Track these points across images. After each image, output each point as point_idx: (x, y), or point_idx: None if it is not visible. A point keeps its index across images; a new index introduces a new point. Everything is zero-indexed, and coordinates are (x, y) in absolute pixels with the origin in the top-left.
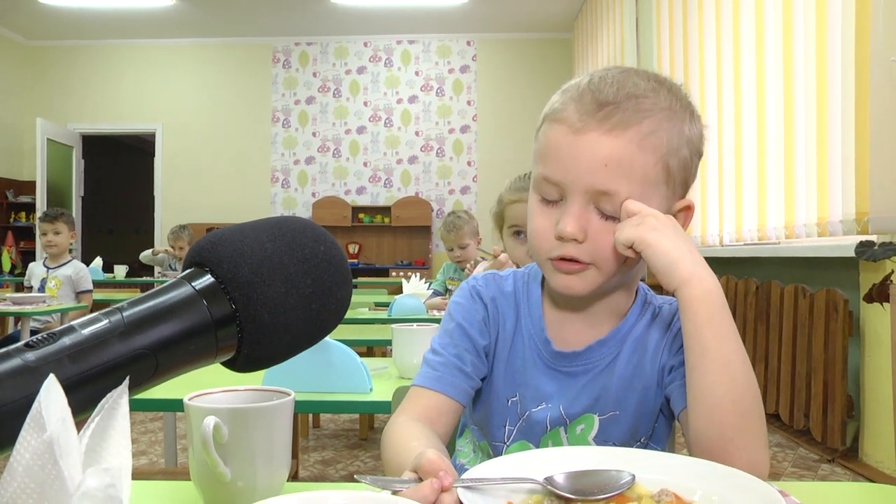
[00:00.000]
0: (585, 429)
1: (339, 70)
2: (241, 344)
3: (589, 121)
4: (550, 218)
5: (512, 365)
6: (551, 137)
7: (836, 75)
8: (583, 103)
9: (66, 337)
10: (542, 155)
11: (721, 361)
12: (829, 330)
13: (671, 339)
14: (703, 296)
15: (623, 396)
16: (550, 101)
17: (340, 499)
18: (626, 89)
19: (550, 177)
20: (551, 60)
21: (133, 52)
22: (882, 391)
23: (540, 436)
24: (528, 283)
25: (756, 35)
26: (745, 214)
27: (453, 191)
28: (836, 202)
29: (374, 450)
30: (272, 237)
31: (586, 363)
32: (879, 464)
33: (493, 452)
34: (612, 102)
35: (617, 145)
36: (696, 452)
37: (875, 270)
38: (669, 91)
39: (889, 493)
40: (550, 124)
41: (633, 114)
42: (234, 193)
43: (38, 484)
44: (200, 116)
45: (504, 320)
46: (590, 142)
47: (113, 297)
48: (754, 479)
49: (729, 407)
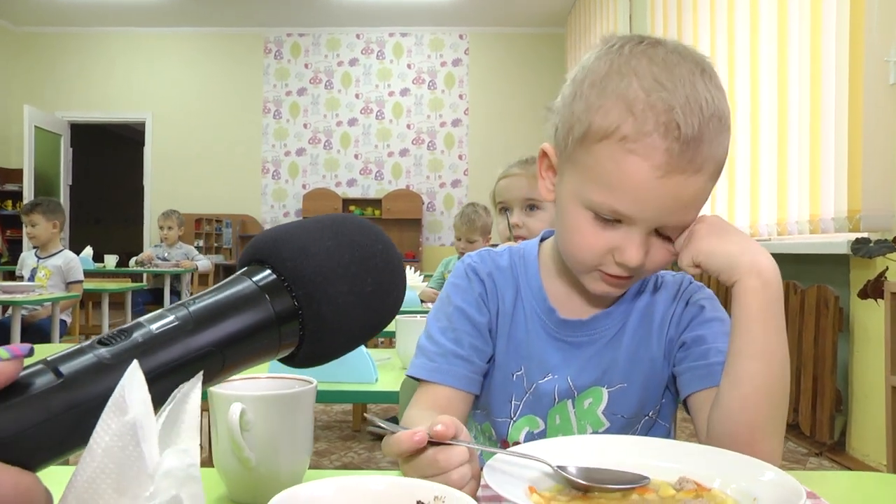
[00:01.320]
0: (594, 402)
1: (331, 62)
2: (302, 340)
3: (676, 162)
4: (606, 238)
5: (514, 339)
6: (629, 173)
7: (830, 74)
8: (668, 140)
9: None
10: (612, 186)
11: (765, 353)
12: (820, 326)
13: (680, 311)
14: (760, 287)
15: (630, 369)
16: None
17: (381, 484)
18: (708, 109)
19: (621, 211)
20: (543, 55)
21: (123, 40)
22: (869, 386)
23: (547, 408)
24: (524, 257)
25: (751, 32)
26: (738, 211)
27: (444, 184)
28: (828, 200)
29: (367, 441)
30: (333, 235)
31: (591, 333)
32: (866, 457)
33: (496, 430)
34: (696, 137)
35: (699, 183)
36: (716, 437)
37: (866, 267)
38: (718, 87)
39: (876, 480)
40: (624, 155)
41: (715, 146)
42: (224, 184)
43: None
44: (191, 106)
45: (503, 294)
46: (675, 186)
47: (103, 287)
48: (773, 469)
49: (763, 399)
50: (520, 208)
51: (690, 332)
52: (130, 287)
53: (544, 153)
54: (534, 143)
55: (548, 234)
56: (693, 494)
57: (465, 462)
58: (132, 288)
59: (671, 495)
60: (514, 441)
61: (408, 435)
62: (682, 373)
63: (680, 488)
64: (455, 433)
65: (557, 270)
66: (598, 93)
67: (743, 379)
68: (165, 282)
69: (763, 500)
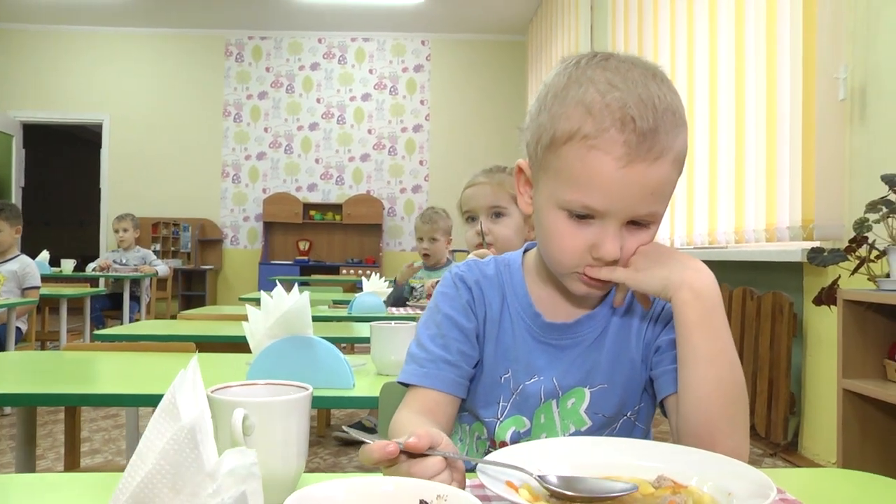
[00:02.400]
0: (576, 402)
1: (293, 65)
2: None
3: (636, 153)
4: (583, 237)
5: (502, 343)
6: (594, 168)
7: (785, 90)
8: (626, 132)
9: None
10: (580, 183)
11: (708, 359)
12: (775, 331)
13: (657, 315)
14: (692, 300)
15: (612, 370)
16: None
17: (389, 485)
18: (661, 104)
19: (592, 205)
20: (505, 62)
21: (81, 38)
22: (821, 389)
23: (533, 409)
24: (509, 265)
25: (709, 44)
26: (697, 219)
27: (405, 189)
28: (783, 210)
29: (331, 446)
30: None
31: (575, 336)
32: (816, 456)
33: (486, 429)
34: (652, 128)
35: (661, 172)
36: (682, 437)
37: (819, 275)
38: (670, 89)
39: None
40: (587, 151)
41: (671, 137)
42: (183, 187)
43: (174, 466)
44: (150, 108)
45: (490, 301)
46: (638, 174)
47: (61, 293)
48: (746, 466)
49: (715, 400)
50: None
51: (665, 336)
52: (89, 292)
53: (520, 169)
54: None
55: (531, 246)
56: (671, 491)
57: (441, 472)
58: (91, 293)
59: (650, 493)
60: (500, 440)
61: (380, 446)
62: (657, 376)
63: (658, 486)
64: (430, 444)
65: (541, 277)
66: (560, 102)
67: (693, 385)
68: (125, 287)
69: (738, 495)
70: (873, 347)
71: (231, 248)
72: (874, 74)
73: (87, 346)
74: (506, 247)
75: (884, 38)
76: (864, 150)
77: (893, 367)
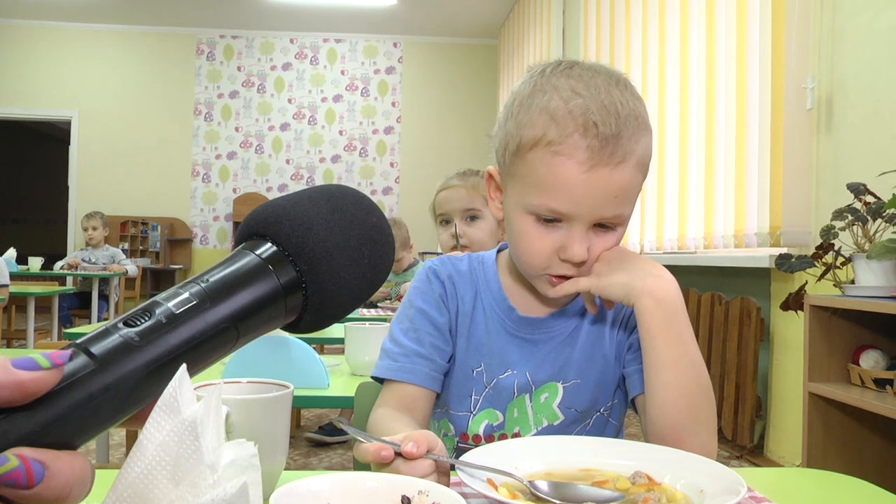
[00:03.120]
0: (549, 397)
1: (265, 65)
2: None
3: (599, 157)
4: (550, 240)
5: (475, 337)
6: (558, 173)
7: (754, 99)
8: (588, 137)
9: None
10: (545, 187)
11: (671, 363)
12: (742, 336)
13: (629, 313)
14: (654, 305)
15: (585, 366)
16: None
17: (372, 481)
18: (623, 110)
19: (557, 209)
20: (476, 65)
21: (50, 34)
22: (787, 392)
23: (506, 402)
24: (483, 262)
25: (680, 53)
26: (666, 224)
27: (375, 191)
28: (751, 216)
29: (301, 447)
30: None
31: (549, 331)
32: (781, 458)
33: (454, 425)
34: (615, 133)
35: (624, 176)
36: (650, 437)
37: (786, 281)
38: (634, 95)
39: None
40: (552, 157)
41: (634, 142)
42: (152, 186)
43: (173, 458)
44: (120, 105)
45: (462, 295)
46: (601, 178)
47: (29, 291)
48: (717, 465)
49: (680, 403)
50: (460, 219)
51: (637, 334)
52: (57, 290)
53: (490, 176)
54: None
55: (504, 246)
56: (645, 488)
57: (430, 474)
58: (59, 291)
59: (626, 488)
60: (473, 433)
61: (376, 448)
62: (629, 375)
63: (634, 482)
64: (427, 449)
65: (515, 274)
66: (525, 110)
67: (657, 388)
68: (94, 285)
69: (709, 492)
70: (838, 352)
71: (200, 247)
72: (840, 85)
73: (56, 345)
74: (480, 249)
75: (850, 50)
76: (830, 159)
77: (857, 371)
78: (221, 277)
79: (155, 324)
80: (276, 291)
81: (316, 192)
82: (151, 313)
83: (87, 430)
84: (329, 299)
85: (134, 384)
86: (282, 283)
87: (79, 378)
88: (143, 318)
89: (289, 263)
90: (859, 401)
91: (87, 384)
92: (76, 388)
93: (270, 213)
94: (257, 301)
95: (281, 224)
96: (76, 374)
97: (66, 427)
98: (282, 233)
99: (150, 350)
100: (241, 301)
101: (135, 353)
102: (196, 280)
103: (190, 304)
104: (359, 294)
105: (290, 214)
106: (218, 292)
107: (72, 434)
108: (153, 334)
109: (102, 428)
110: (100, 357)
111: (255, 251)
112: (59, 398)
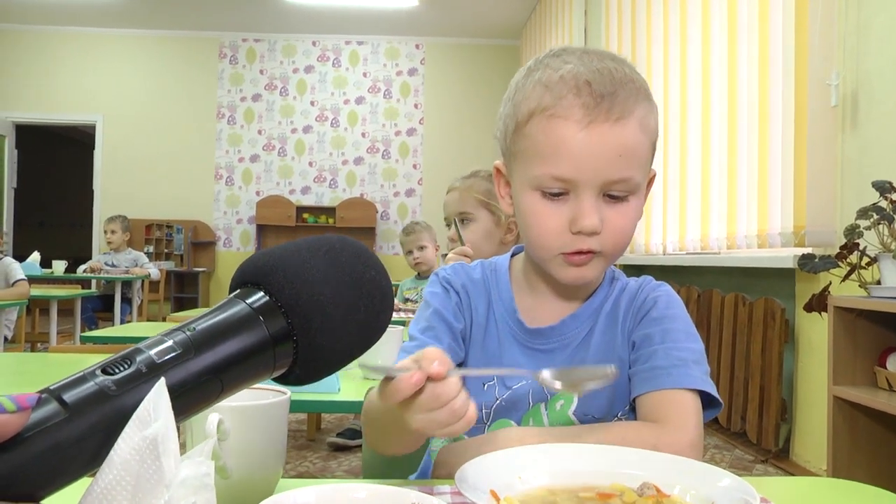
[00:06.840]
0: (565, 404)
1: (287, 68)
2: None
3: (595, 113)
4: (560, 214)
5: (488, 348)
6: (556, 136)
7: (777, 97)
8: (582, 96)
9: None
10: (546, 154)
11: None
12: (767, 337)
13: (636, 311)
14: None
15: None
16: (523, 96)
17: (361, 491)
18: (618, 74)
19: (562, 175)
20: (498, 66)
21: (75, 40)
22: (812, 395)
23: (522, 412)
24: (496, 270)
25: (702, 51)
26: (689, 225)
27: (398, 193)
28: (775, 216)
29: (321, 450)
30: (330, 262)
31: (560, 338)
32: (807, 463)
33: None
34: (610, 91)
35: (626, 133)
36: None
37: (810, 281)
38: (631, 68)
39: (819, 484)
40: (548, 121)
41: (632, 102)
42: (176, 189)
43: (134, 477)
44: (143, 109)
45: (476, 305)
46: (601, 134)
47: (51, 294)
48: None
49: None
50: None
51: (640, 331)
52: (80, 294)
53: (498, 171)
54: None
55: (518, 250)
56: (653, 500)
57: (462, 388)
58: (82, 294)
59: (633, 501)
60: None
61: (406, 378)
62: (630, 376)
63: (641, 494)
64: (449, 366)
65: (527, 282)
66: (520, 91)
67: None
68: (116, 289)
69: None
70: (864, 354)
71: (224, 250)
72: (865, 81)
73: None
74: (475, 251)
75: (875, 45)
76: (855, 157)
77: (884, 374)
78: (209, 326)
79: (134, 372)
80: (265, 343)
81: (315, 242)
82: (132, 361)
83: (52, 481)
84: (320, 354)
85: (106, 436)
86: (271, 335)
87: (47, 427)
88: (122, 366)
89: (280, 315)
90: (886, 405)
91: (55, 433)
92: (43, 436)
93: (266, 262)
94: (244, 352)
95: (275, 274)
96: (45, 422)
97: (29, 478)
98: (276, 283)
99: (126, 400)
100: (226, 351)
101: (109, 402)
102: (183, 328)
103: (173, 353)
104: (352, 351)
105: (285, 265)
106: (204, 341)
107: (35, 485)
108: (131, 384)
109: (69, 480)
110: (71, 405)
111: (247, 300)
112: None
